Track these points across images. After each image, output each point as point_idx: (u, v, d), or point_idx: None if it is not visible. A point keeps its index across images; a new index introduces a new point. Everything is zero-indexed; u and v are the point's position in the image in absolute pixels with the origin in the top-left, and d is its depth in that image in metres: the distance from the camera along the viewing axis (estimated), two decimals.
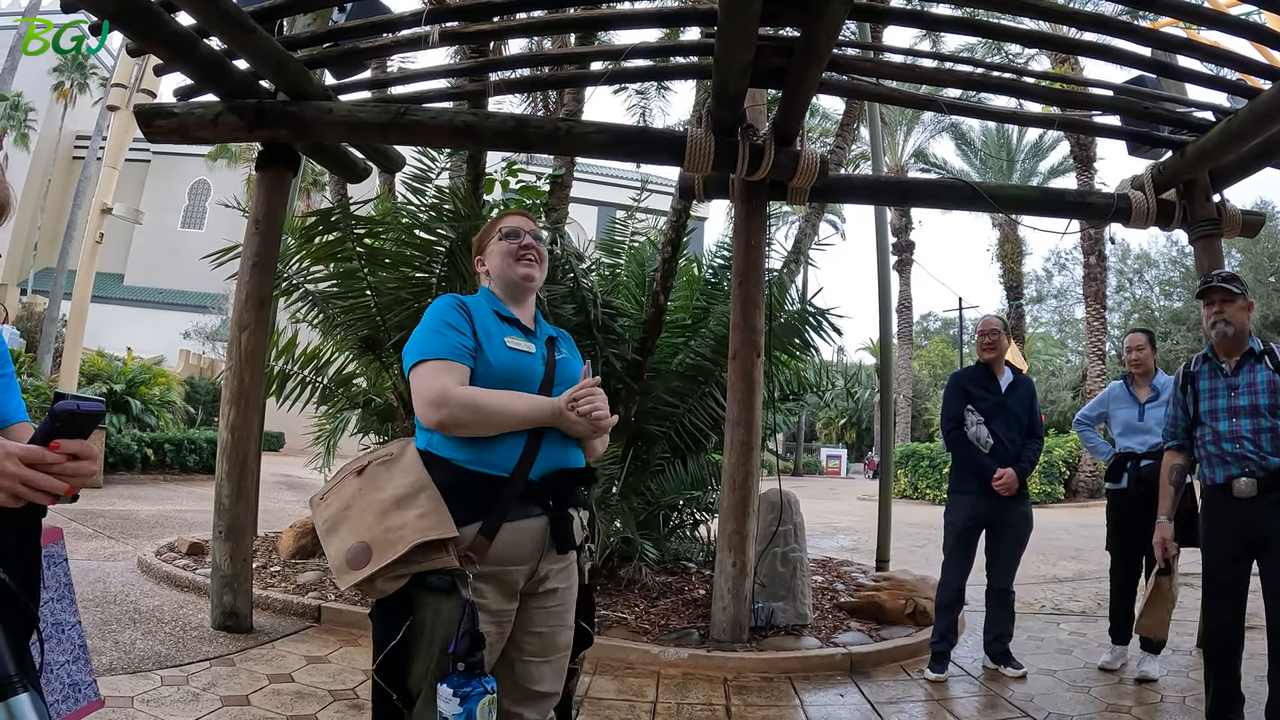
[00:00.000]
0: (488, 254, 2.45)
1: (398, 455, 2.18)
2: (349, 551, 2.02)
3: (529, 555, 2.16)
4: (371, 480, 2.13)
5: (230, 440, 5.45)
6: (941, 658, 5.12)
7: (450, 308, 2.24)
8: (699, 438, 7.31)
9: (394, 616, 2.03)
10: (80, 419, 1.38)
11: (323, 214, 6.85)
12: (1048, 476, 21.83)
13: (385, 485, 2.09)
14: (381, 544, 1.99)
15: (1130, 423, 5.45)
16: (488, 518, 2.09)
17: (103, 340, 24.74)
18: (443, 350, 2.15)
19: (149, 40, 4.84)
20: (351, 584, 2.00)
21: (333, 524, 2.09)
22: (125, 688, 4.03)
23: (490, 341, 2.22)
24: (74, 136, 42.16)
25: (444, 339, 2.16)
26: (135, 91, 15.78)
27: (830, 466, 47.70)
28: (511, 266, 2.39)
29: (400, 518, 2.01)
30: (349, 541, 2.03)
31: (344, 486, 2.16)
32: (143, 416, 16.36)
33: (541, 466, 2.17)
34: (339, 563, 2.03)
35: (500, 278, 2.41)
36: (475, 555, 2.06)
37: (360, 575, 1.99)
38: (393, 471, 2.13)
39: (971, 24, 5.74)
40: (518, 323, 2.35)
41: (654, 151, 5.67)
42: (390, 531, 1.99)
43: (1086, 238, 23.11)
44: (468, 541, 2.06)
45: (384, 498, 2.06)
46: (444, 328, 2.18)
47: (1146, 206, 6.04)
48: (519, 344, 2.28)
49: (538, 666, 2.24)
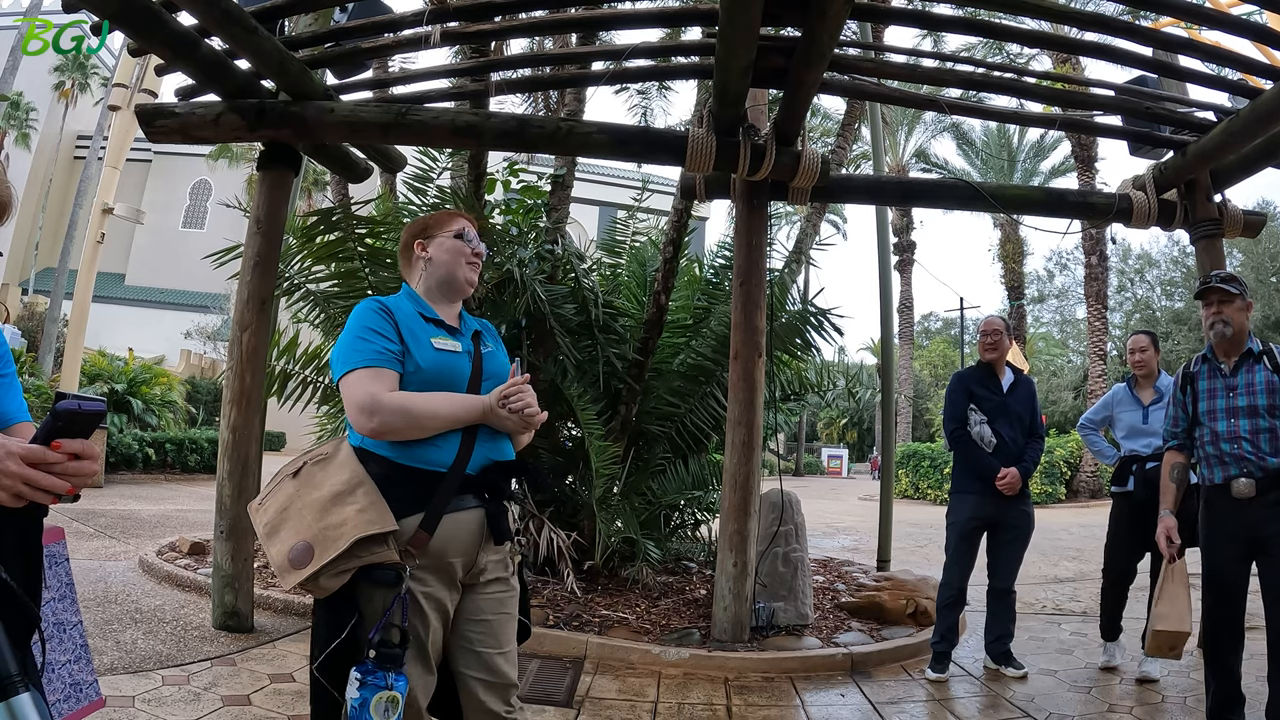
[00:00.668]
0: (433, 244, 2.43)
1: (332, 454, 2.19)
2: (291, 551, 2.01)
3: (467, 546, 2.19)
4: (308, 480, 2.14)
5: (232, 440, 5.45)
6: (943, 658, 5.12)
7: (372, 313, 2.24)
8: (700, 438, 7.32)
9: (339, 614, 2.04)
10: (81, 419, 1.38)
11: (324, 214, 6.85)
12: (1049, 477, 21.81)
13: (322, 483, 2.10)
14: (322, 541, 1.99)
15: (1135, 425, 5.43)
16: (428, 511, 2.10)
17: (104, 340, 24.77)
18: (369, 357, 2.15)
19: (150, 40, 4.84)
20: (295, 583, 1.99)
21: (272, 528, 2.09)
22: (126, 687, 4.03)
23: (417, 343, 2.24)
24: (75, 136, 42.19)
25: (369, 345, 2.17)
26: (136, 91, 15.82)
27: (831, 466, 47.70)
28: (460, 267, 2.41)
29: (339, 514, 2.02)
30: (289, 542, 2.03)
31: (281, 489, 2.16)
32: (144, 416, 16.38)
33: (477, 460, 2.21)
34: (281, 563, 2.02)
35: (443, 274, 2.41)
36: (414, 549, 2.07)
37: (304, 574, 1.98)
38: (328, 469, 2.14)
39: (972, 24, 5.75)
40: (442, 323, 2.36)
41: (655, 151, 5.66)
42: (330, 529, 2.00)
43: (1088, 238, 23.09)
44: (408, 534, 2.07)
45: (321, 495, 2.07)
46: (368, 334, 2.19)
47: (1148, 207, 6.03)
48: (446, 344, 2.30)
49: (494, 658, 2.27)
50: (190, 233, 41.58)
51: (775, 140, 5.39)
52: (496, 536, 2.25)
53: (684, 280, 7.91)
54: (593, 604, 6.08)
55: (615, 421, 6.82)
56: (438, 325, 2.33)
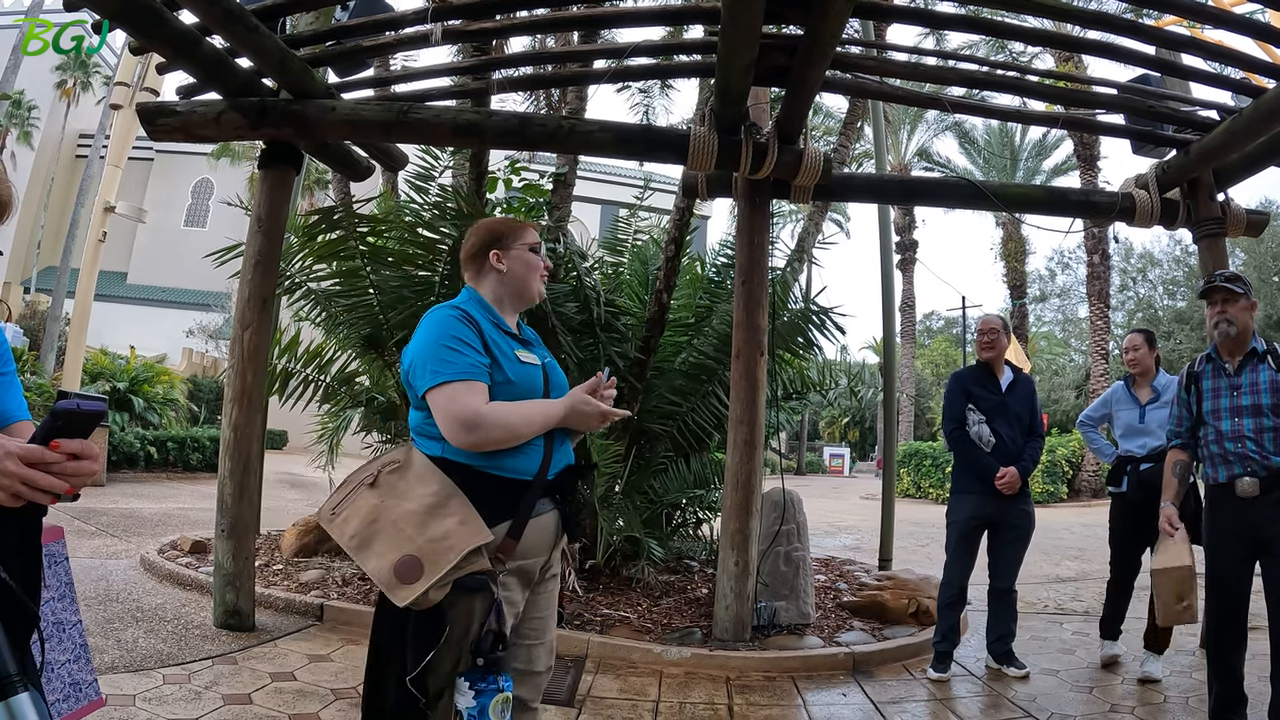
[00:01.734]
0: (511, 255, 2.43)
1: (406, 462, 2.19)
2: (398, 566, 2.01)
3: (546, 546, 2.29)
4: (389, 490, 2.14)
5: (233, 438, 5.45)
6: (944, 657, 5.12)
7: (458, 322, 2.23)
8: (702, 436, 7.31)
9: (432, 625, 2.05)
10: (81, 419, 1.38)
11: (326, 212, 6.85)
12: (1050, 476, 21.79)
13: (407, 495, 2.11)
14: (430, 555, 2.01)
15: (1131, 424, 5.43)
16: (515, 518, 2.16)
17: (106, 338, 24.77)
18: (463, 370, 2.15)
19: (151, 39, 4.84)
20: (409, 599, 1.99)
21: (363, 540, 2.09)
22: (127, 686, 4.03)
23: (504, 356, 2.26)
24: (77, 135, 42.19)
25: (462, 358, 2.17)
26: (138, 90, 15.83)
27: (833, 465, 47.67)
28: (535, 282, 2.45)
29: (440, 526, 2.04)
30: (390, 556, 2.03)
31: (359, 500, 2.16)
32: (146, 415, 16.38)
33: (555, 465, 2.28)
34: (388, 579, 2.02)
35: (518, 287, 2.43)
36: (504, 555, 2.13)
37: (418, 589, 1.99)
38: (408, 480, 2.15)
39: (975, 22, 5.74)
40: (516, 335, 2.39)
41: (657, 150, 5.66)
42: (435, 542, 2.02)
43: (1090, 237, 23.09)
44: (497, 542, 2.11)
45: (413, 508, 2.08)
46: (459, 345, 2.18)
47: (1150, 206, 6.02)
48: (528, 357, 2.34)
49: (536, 649, 2.36)
50: (192, 231, 41.58)
51: (777, 138, 5.38)
52: (571, 535, 2.37)
53: (686, 279, 7.90)
54: (594, 603, 6.08)
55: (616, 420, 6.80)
56: (513, 337, 2.37)
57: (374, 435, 7.91)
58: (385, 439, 7.81)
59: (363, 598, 6.05)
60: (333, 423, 8.26)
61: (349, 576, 6.49)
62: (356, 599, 6.01)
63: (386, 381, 7.49)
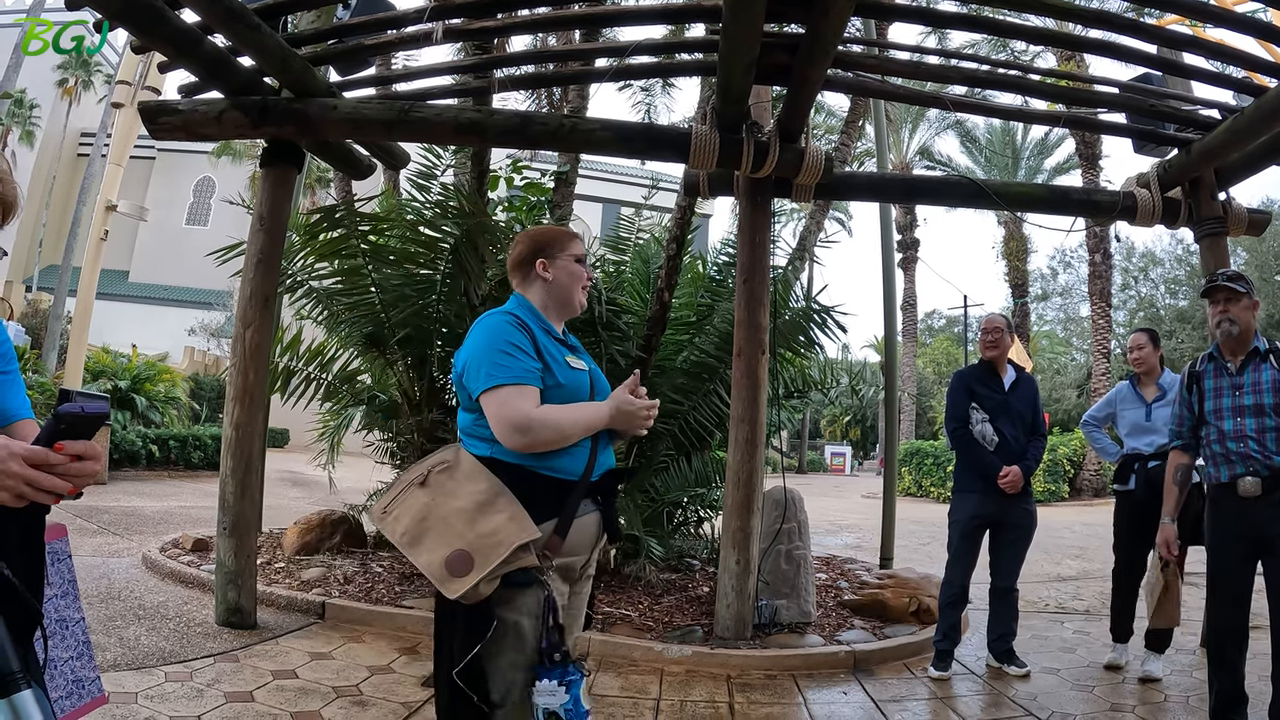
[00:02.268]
0: (557, 265, 2.49)
1: (455, 462, 2.25)
2: (449, 560, 2.07)
3: (587, 546, 2.35)
4: (439, 488, 2.20)
5: (235, 437, 5.45)
6: (945, 656, 5.12)
7: (513, 328, 2.30)
8: (703, 435, 7.31)
9: (481, 619, 2.11)
10: (84, 421, 1.38)
11: (327, 211, 6.86)
12: (1052, 475, 21.79)
13: (457, 493, 2.17)
14: (481, 549, 2.07)
15: (1138, 423, 5.41)
16: (561, 517, 2.22)
17: (108, 337, 24.76)
18: (517, 374, 2.22)
19: (153, 37, 4.84)
20: (460, 592, 2.05)
21: (414, 536, 2.14)
22: (129, 683, 4.04)
23: (555, 362, 2.33)
24: (79, 134, 42.26)
25: (517, 362, 2.23)
26: (140, 89, 15.82)
27: (835, 464, 47.68)
28: (578, 293, 2.51)
29: (489, 523, 2.10)
30: (441, 551, 2.09)
31: (410, 498, 2.21)
32: (147, 413, 16.39)
33: (598, 467, 2.34)
34: (439, 573, 2.08)
35: (565, 295, 2.49)
36: (550, 553, 2.19)
37: (469, 581, 2.05)
38: (457, 479, 2.21)
39: (977, 21, 5.73)
40: (565, 341, 2.48)
41: (658, 148, 5.66)
42: (485, 537, 2.08)
43: (1092, 236, 23.08)
44: (544, 539, 2.18)
45: (463, 505, 2.14)
46: (513, 349, 2.25)
47: (1152, 204, 6.02)
48: (577, 363, 2.42)
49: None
50: (194, 230, 41.62)
51: (779, 137, 5.38)
52: (611, 536, 2.41)
53: (687, 277, 7.90)
54: (595, 601, 6.05)
55: None
56: (561, 344, 2.44)
57: (375, 434, 7.92)
58: (387, 437, 7.82)
59: (364, 596, 6.06)
60: (334, 421, 8.26)
61: (350, 574, 6.50)
62: (358, 597, 6.02)
63: (388, 379, 7.49)
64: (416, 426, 7.00)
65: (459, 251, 6.32)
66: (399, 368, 7.12)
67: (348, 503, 8.34)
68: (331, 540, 7.37)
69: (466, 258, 6.27)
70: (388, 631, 5.54)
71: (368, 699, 4.20)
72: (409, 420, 7.09)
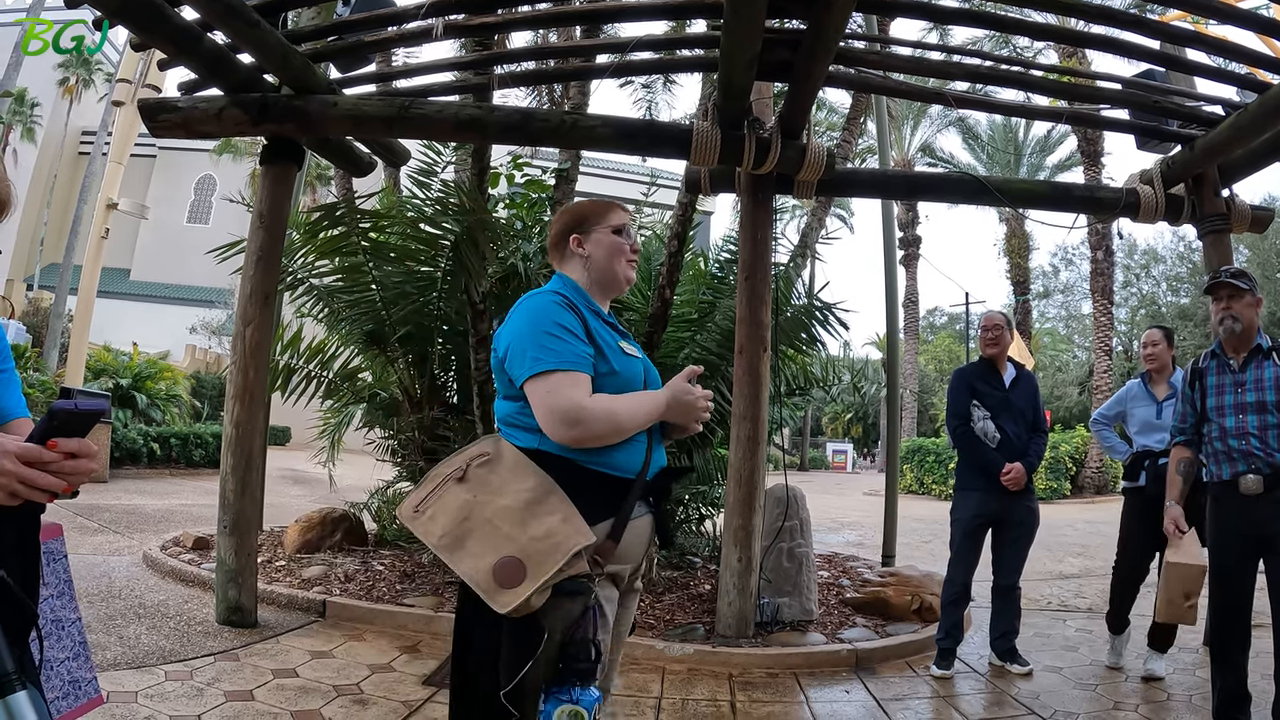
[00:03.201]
0: (592, 239, 2.27)
1: (495, 455, 2.03)
2: (498, 569, 1.85)
3: (640, 552, 2.15)
4: (482, 485, 1.97)
5: (235, 435, 5.45)
6: (947, 654, 5.11)
7: (561, 308, 2.09)
8: (705, 432, 7.28)
9: (529, 632, 1.89)
10: (79, 418, 1.37)
11: (328, 208, 6.85)
12: (1054, 472, 21.76)
13: (503, 490, 1.95)
14: (534, 555, 1.85)
15: (1148, 421, 5.36)
16: (616, 518, 2.01)
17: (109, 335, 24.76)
18: (568, 360, 2.00)
19: (153, 35, 4.83)
20: (513, 605, 1.82)
21: (455, 538, 1.92)
22: (129, 682, 4.03)
23: (608, 347, 2.13)
24: (79, 132, 42.31)
25: (566, 346, 2.02)
26: (140, 86, 15.82)
27: (836, 461, 47.65)
28: (621, 265, 2.28)
29: (541, 525, 1.88)
30: (488, 557, 1.87)
31: (448, 495, 1.98)
32: (148, 411, 16.39)
33: (653, 465, 2.14)
34: (486, 582, 1.85)
35: (604, 271, 2.27)
36: (602, 558, 1.97)
37: (522, 593, 1.83)
38: (500, 474, 1.99)
39: (979, 16, 5.72)
40: (617, 326, 2.28)
41: (660, 145, 5.65)
42: (537, 541, 1.86)
43: (1094, 233, 23.03)
44: (598, 543, 1.96)
45: (509, 504, 1.92)
46: (562, 332, 2.03)
47: (1155, 201, 6.00)
48: (631, 350, 2.22)
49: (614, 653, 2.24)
50: (194, 228, 41.67)
51: (780, 134, 5.37)
52: (663, 540, 2.22)
53: (689, 275, 7.89)
54: None
55: None
56: (613, 328, 2.24)
57: (376, 431, 7.91)
58: (387, 435, 7.82)
59: (365, 594, 6.05)
60: (335, 419, 8.26)
61: (351, 573, 6.49)
62: (359, 595, 6.01)
63: (389, 377, 7.49)
64: (417, 424, 6.99)
65: (460, 248, 6.31)
66: (400, 365, 7.11)
67: (349, 501, 8.34)
68: (332, 538, 7.36)
69: (467, 255, 6.26)
70: (389, 630, 5.53)
71: (368, 697, 4.19)
72: (410, 418, 7.09)
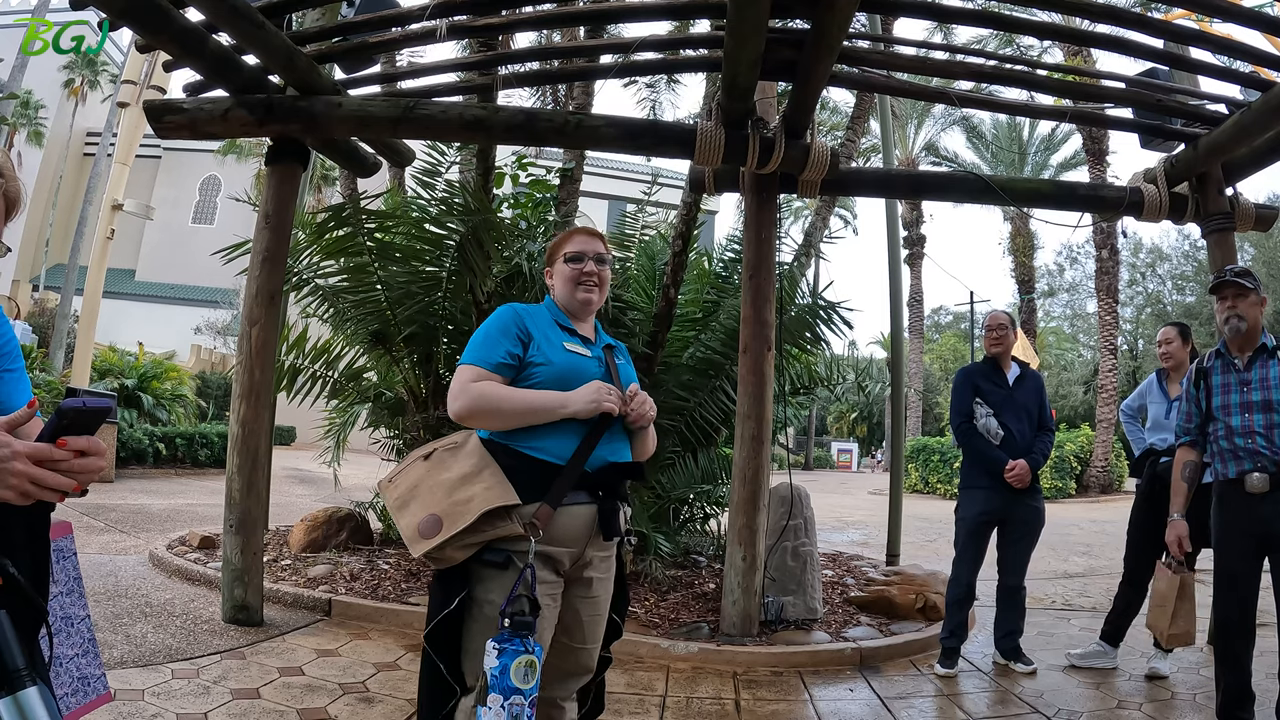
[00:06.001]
0: (555, 271, 2.60)
1: (462, 443, 2.36)
2: (421, 523, 2.18)
3: (577, 539, 2.34)
4: (438, 463, 2.32)
5: (241, 434, 5.46)
6: (952, 653, 5.11)
7: (506, 316, 2.43)
8: (709, 431, 7.31)
9: (451, 587, 2.22)
10: (87, 416, 1.38)
11: (333, 209, 6.86)
12: (1059, 471, 21.72)
13: (451, 466, 2.29)
14: (451, 515, 2.16)
15: (1158, 419, 5.37)
16: (549, 495, 2.25)
17: (115, 335, 24.83)
18: (480, 358, 2.36)
19: (158, 37, 4.84)
20: (424, 551, 2.16)
21: (403, 501, 2.27)
22: (136, 680, 4.05)
23: (549, 343, 2.42)
24: (85, 133, 42.40)
25: (490, 349, 2.36)
26: (145, 88, 15.84)
27: (841, 460, 47.59)
28: (572, 293, 2.55)
29: (467, 491, 2.20)
30: (419, 515, 2.20)
31: (412, 469, 2.35)
32: (154, 411, 16.41)
33: (595, 459, 2.34)
34: (411, 533, 2.19)
35: (562, 297, 2.57)
36: (540, 521, 2.21)
37: (433, 543, 2.15)
38: (458, 456, 2.31)
39: (983, 16, 5.72)
40: (576, 332, 2.54)
41: (664, 145, 5.65)
42: (458, 504, 2.18)
43: (1099, 231, 22.98)
44: (530, 514, 2.22)
45: (450, 476, 2.25)
46: (495, 336, 2.38)
47: (1159, 200, 5.99)
48: (576, 348, 2.47)
49: (578, 653, 2.43)
50: (200, 228, 41.73)
51: (784, 133, 5.38)
52: (606, 533, 2.37)
53: (693, 274, 7.90)
54: None
55: None
56: (571, 333, 2.52)
57: (382, 431, 7.92)
58: (392, 435, 7.83)
59: (370, 593, 6.06)
60: (340, 418, 8.28)
61: (357, 571, 6.51)
62: (364, 594, 6.03)
63: (394, 377, 7.50)
64: (423, 423, 7.01)
65: (464, 248, 6.32)
66: (405, 365, 7.12)
67: (354, 500, 8.35)
68: (338, 537, 7.38)
69: (472, 255, 6.27)
70: (394, 628, 5.55)
71: (374, 696, 4.20)
72: (415, 417, 7.10)
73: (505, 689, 2.04)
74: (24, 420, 1.41)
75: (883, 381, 11.30)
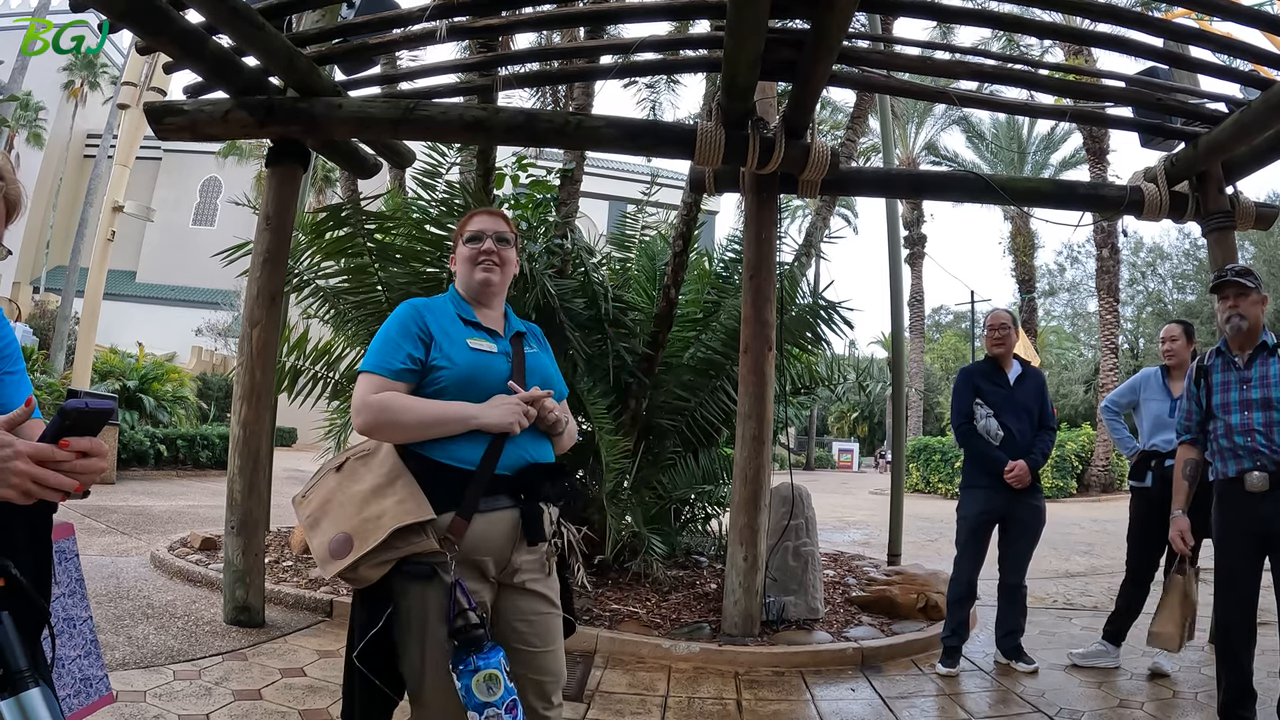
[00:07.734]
0: (457, 254, 2.51)
1: (374, 450, 2.24)
2: (331, 543, 2.09)
3: (499, 546, 2.22)
4: (350, 474, 2.22)
5: (242, 436, 5.47)
6: (953, 652, 5.11)
7: (405, 315, 2.31)
8: (710, 432, 7.30)
9: (375, 605, 2.11)
10: (89, 416, 1.38)
11: (334, 210, 6.86)
12: (1060, 471, 21.72)
13: (363, 477, 2.18)
14: (362, 532, 2.06)
15: (1160, 417, 5.27)
16: (462, 505, 2.14)
17: (115, 337, 24.87)
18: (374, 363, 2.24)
19: (158, 38, 4.85)
20: (335, 573, 2.07)
21: (314, 519, 2.17)
22: (138, 682, 4.05)
23: (451, 343, 2.29)
24: (85, 135, 42.45)
25: (389, 354, 2.24)
26: (145, 89, 15.85)
27: (842, 460, 47.57)
28: (472, 273, 2.45)
29: (378, 506, 2.09)
30: (330, 533, 2.11)
31: (324, 482, 2.25)
32: (155, 413, 16.44)
33: (511, 461, 2.23)
34: (322, 554, 2.10)
35: (463, 281, 2.48)
36: (454, 535, 2.12)
37: (343, 563, 2.05)
38: (370, 465, 2.20)
39: (983, 15, 5.72)
40: (480, 325, 2.40)
41: (664, 145, 5.66)
42: (369, 520, 2.07)
43: (1099, 230, 22.97)
44: (445, 526, 2.12)
45: (361, 489, 2.15)
46: (394, 340, 2.26)
47: (1159, 199, 5.99)
48: (481, 345, 2.34)
49: (541, 656, 2.30)
50: (200, 230, 41.76)
51: (784, 133, 5.38)
52: (530, 538, 2.25)
53: (694, 274, 7.89)
54: (603, 598, 6.08)
55: (625, 415, 6.82)
56: (475, 328, 2.38)
57: None
58: None
59: None
60: (341, 420, 8.27)
61: None
62: None
63: None
64: None
65: None
66: None
67: None
68: None
69: None
70: None
71: None
72: None
73: (476, 706, 2.00)
74: (23, 419, 1.41)
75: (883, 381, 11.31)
